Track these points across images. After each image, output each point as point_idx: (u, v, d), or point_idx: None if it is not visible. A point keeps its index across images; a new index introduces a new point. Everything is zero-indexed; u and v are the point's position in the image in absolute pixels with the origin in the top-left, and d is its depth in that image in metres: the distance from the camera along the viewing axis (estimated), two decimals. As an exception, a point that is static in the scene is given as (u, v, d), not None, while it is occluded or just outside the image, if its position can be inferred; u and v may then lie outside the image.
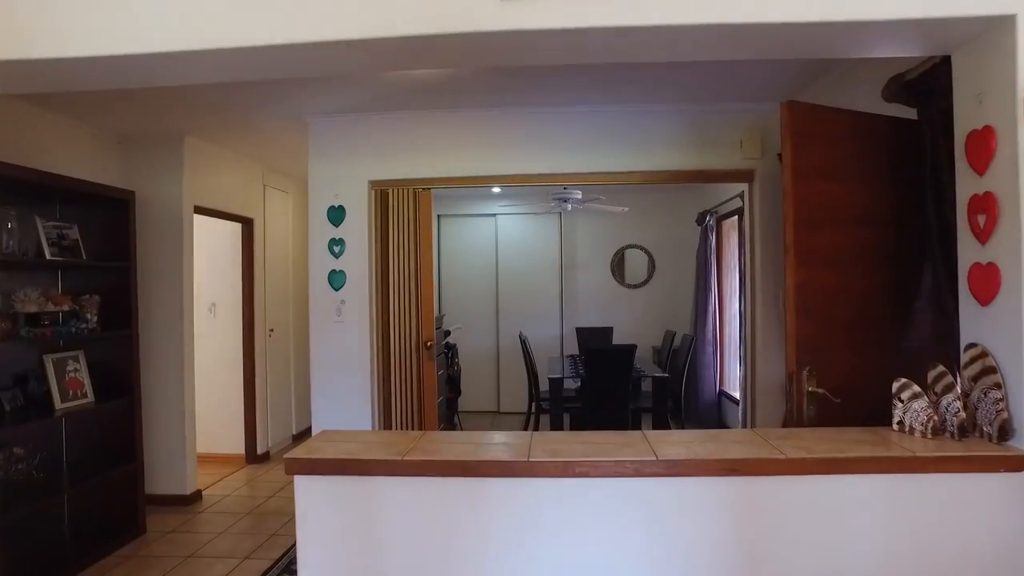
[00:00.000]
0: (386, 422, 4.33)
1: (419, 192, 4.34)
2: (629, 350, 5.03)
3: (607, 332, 6.77)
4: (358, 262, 4.28)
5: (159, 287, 4.72)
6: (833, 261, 2.43)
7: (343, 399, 4.27)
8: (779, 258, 4.21)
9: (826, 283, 2.41)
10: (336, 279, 4.28)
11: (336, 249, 4.29)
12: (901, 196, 2.52)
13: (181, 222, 4.71)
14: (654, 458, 1.89)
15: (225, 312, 5.74)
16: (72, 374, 3.93)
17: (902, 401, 2.04)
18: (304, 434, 6.51)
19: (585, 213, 7.37)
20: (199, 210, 4.93)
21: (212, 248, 5.76)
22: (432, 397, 4.36)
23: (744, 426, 4.91)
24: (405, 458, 1.96)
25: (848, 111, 2.54)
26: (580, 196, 6.01)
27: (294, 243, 6.45)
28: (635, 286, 7.56)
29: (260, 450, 5.71)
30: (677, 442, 2.08)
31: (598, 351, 5.12)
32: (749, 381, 4.29)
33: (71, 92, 3.84)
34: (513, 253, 7.65)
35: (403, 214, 4.31)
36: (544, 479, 1.93)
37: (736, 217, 6.22)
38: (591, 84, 3.83)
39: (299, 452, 2.07)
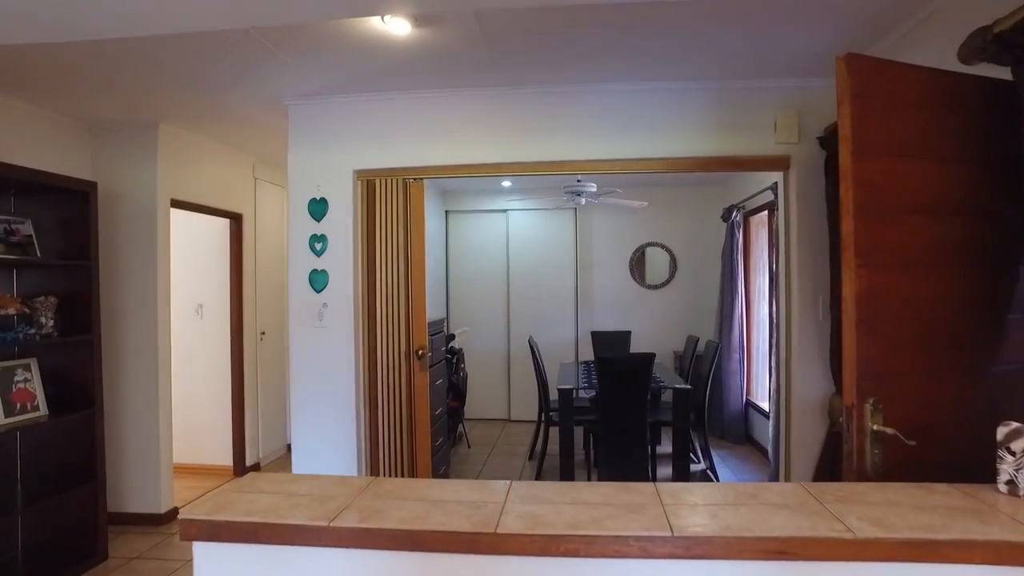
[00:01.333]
0: (372, 440, 3.83)
1: (410, 183, 3.82)
2: (646, 359, 4.47)
3: (624, 337, 6.20)
4: (342, 261, 3.78)
5: (130, 288, 4.27)
6: (905, 262, 1.85)
7: (324, 413, 3.78)
8: (818, 257, 3.62)
9: (896, 290, 1.84)
10: (317, 279, 3.79)
11: (318, 246, 3.79)
12: (993, 178, 1.94)
13: (155, 217, 4.25)
14: (668, 533, 1.35)
15: (213, 314, 5.29)
16: (21, 385, 3.49)
17: (1013, 454, 1.47)
18: (300, 443, 6.04)
19: (602, 209, 6.80)
20: (177, 204, 4.48)
21: (199, 245, 5.32)
22: (424, 411, 3.85)
23: (776, 446, 4.32)
24: (332, 524, 1.44)
25: (925, 68, 1.96)
26: (595, 189, 5.45)
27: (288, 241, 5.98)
28: (655, 287, 6.97)
29: (250, 461, 5.26)
30: (701, 505, 1.53)
31: (612, 360, 4.56)
32: (783, 395, 3.71)
33: (33, 75, 3.45)
34: (526, 251, 7.10)
35: (392, 207, 3.80)
36: (518, 558, 1.40)
37: (766, 212, 5.62)
38: (606, 59, 3.28)
39: (200, 510, 1.55)
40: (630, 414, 4.48)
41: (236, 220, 5.18)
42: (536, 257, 7.06)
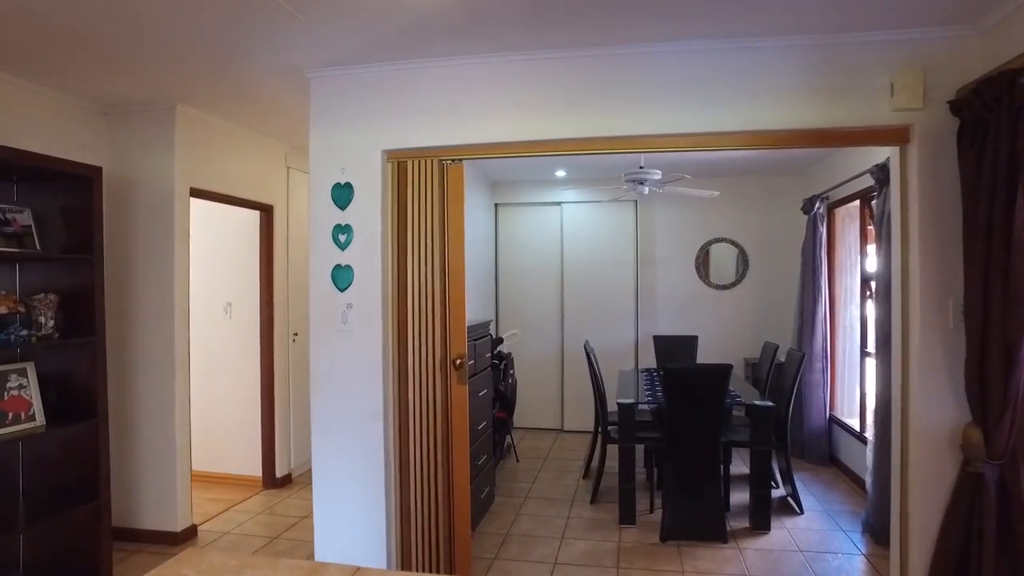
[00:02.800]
0: (403, 462, 3.28)
1: (447, 164, 3.25)
2: (721, 371, 3.78)
3: (690, 343, 5.49)
4: (369, 255, 3.24)
5: (145, 284, 3.85)
6: None
7: (348, 430, 3.25)
8: (948, 252, 2.85)
9: None
10: (341, 276, 3.26)
11: (342, 238, 3.27)
12: None
13: (172, 207, 3.82)
14: None
15: (242, 313, 4.86)
16: (15, 391, 3.08)
17: None
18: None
19: (665, 201, 6.11)
20: (198, 193, 4.03)
21: (229, 239, 4.89)
22: (463, 430, 3.27)
23: (878, 477, 3.57)
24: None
25: None
26: (659, 176, 4.77)
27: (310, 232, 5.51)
28: (723, 287, 6.22)
29: (280, 472, 4.80)
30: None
31: (681, 372, 3.88)
32: (899, 421, 2.98)
33: (41, 52, 3.05)
34: (581, 247, 6.45)
35: (427, 193, 3.24)
36: None
37: (857, 202, 4.83)
38: (679, 10, 2.63)
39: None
40: (702, 434, 3.79)
41: (267, 212, 4.73)
42: (592, 254, 6.39)
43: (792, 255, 5.92)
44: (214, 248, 4.86)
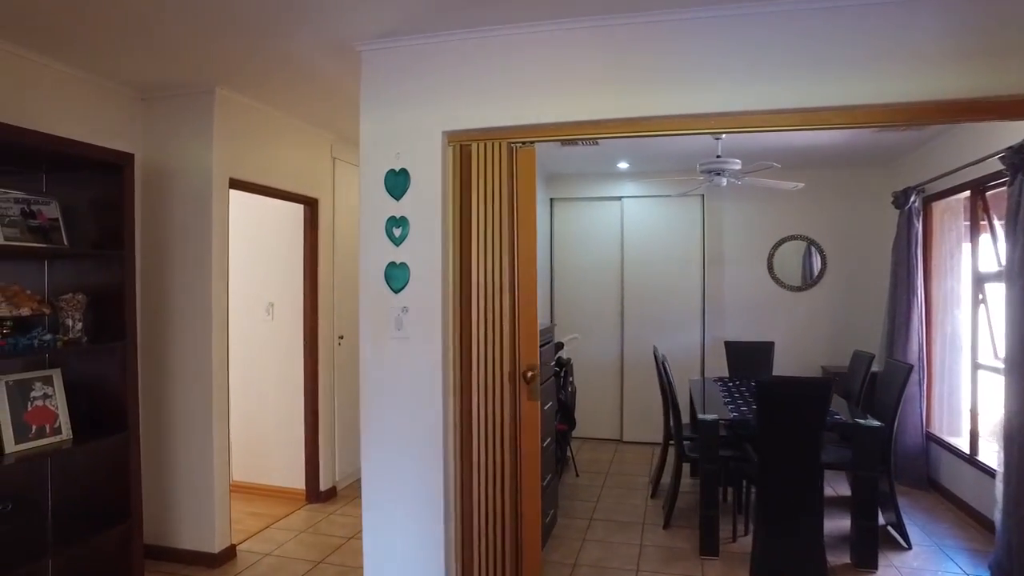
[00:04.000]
0: (464, 485, 2.85)
1: (517, 148, 2.82)
2: (824, 387, 3.27)
3: (766, 350, 4.96)
4: (427, 251, 2.83)
5: (181, 283, 3.50)
6: None
7: (403, 446, 2.84)
8: None
9: None
10: (396, 275, 2.85)
11: (396, 232, 2.86)
12: None
13: (210, 199, 3.46)
14: None
15: (285, 314, 4.51)
16: (40, 401, 2.75)
17: None
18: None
19: (736, 195, 5.57)
20: (238, 184, 3.68)
21: (271, 235, 4.55)
22: (533, 454, 2.83)
23: (1012, 515, 3.01)
24: None
25: None
26: (739, 166, 4.26)
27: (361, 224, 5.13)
28: (798, 289, 5.65)
29: (324, 485, 4.43)
30: None
31: (777, 386, 3.38)
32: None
33: (72, 31, 2.72)
34: (643, 245, 5.93)
35: (493, 181, 2.80)
36: None
37: (967, 194, 4.25)
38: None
39: None
40: (799, 457, 3.28)
41: (311, 206, 4.37)
42: (655, 252, 5.87)
43: (875, 254, 5.35)
44: (255, 244, 4.52)
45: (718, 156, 4.29)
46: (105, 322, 2.96)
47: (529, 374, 2.81)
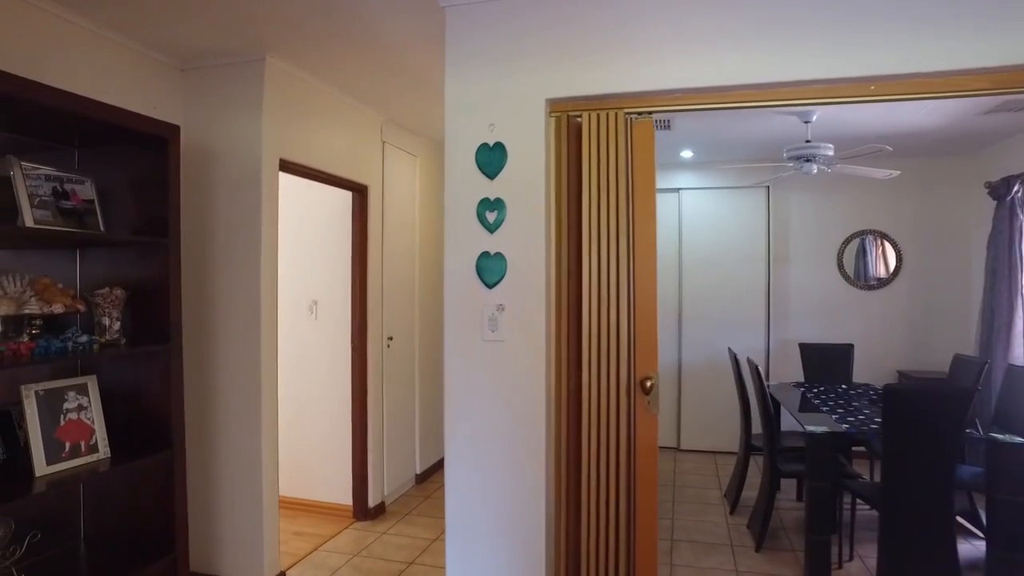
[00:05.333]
0: (569, 512, 2.41)
1: (633, 120, 2.38)
2: (962, 397, 2.83)
3: (845, 352, 4.52)
4: (528, 239, 2.38)
5: (226, 278, 3.05)
6: None
7: (495, 466, 2.40)
8: None
9: None
10: (491, 268, 2.40)
11: (491, 217, 2.41)
12: None
13: (259, 182, 3.01)
14: None
15: (330, 313, 4.06)
16: (74, 414, 2.30)
17: None
18: (431, 473, 4.76)
19: (803, 186, 5.15)
20: (288, 167, 3.24)
21: (314, 226, 4.10)
22: (650, 478, 2.38)
23: None
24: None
25: None
26: (831, 152, 3.82)
27: (422, 223, 4.69)
28: (871, 287, 5.21)
29: (372, 501, 3.98)
30: None
31: (908, 395, 2.93)
32: None
33: None
34: (702, 240, 5.47)
35: (608, 157, 2.36)
36: None
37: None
38: None
39: None
40: (931, 477, 2.85)
41: (360, 193, 3.92)
42: (715, 247, 5.42)
43: (957, 249, 4.93)
44: (296, 236, 4.07)
45: (807, 141, 3.86)
46: (146, 321, 2.51)
47: (648, 382, 2.36)
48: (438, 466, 4.92)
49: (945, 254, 5.01)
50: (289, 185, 3.58)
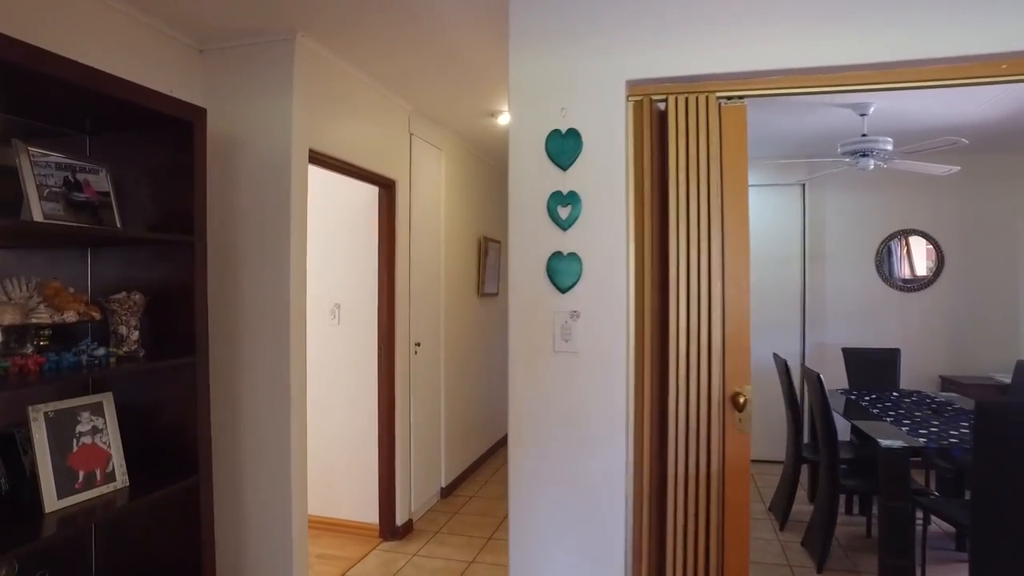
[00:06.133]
0: (652, 546, 2.12)
1: (723, 104, 2.09)
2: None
3: (891, 358, 4.27)
4: (607, 237, 2.10)
5: (252, 282, 2.73)
6: None
7: (566, 497, 2.11)
8: None
9: None
10: (564, 270, 2.11)
11: (563, 213, 2.12)
12: None
13: (288, 175, 2.70)
14: None
15: (355, 318, 3.74)
16: (88, 438, 1.98)
17: None
18: (457, 486, 4.46)
19: (840, 184, 4.90)
20: (318, 159, 2.92)
21: (338, 224, 3.78)
22: (742, 504, 2.10)
23: None
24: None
25: None
26: (890, 146, 3.57)
27: (447, 221, 4.38)
28: (911, 289, 4.98)
29: (400, 519, 3.67)
30: None
31: (1008, 410, 2.67)
32: None
33: None
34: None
35: (698, 146, 2.08)
36: None
37: None
38: None
39: None
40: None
41: (388, 189, 3.61)
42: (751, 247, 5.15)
43: (1004, 249, 4.70)
44: (317, 235, 3.74)
45: (864, 135, 3.60)
46: (167, 331, 2.19)
47: (741, 397, 2.08)
48: (463, 478, 4.62)
49: (990, 254, 4.78)
50: (309, 180, 3.26)
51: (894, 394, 3.99)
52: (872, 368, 4.26)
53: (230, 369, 2.73)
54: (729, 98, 2.10)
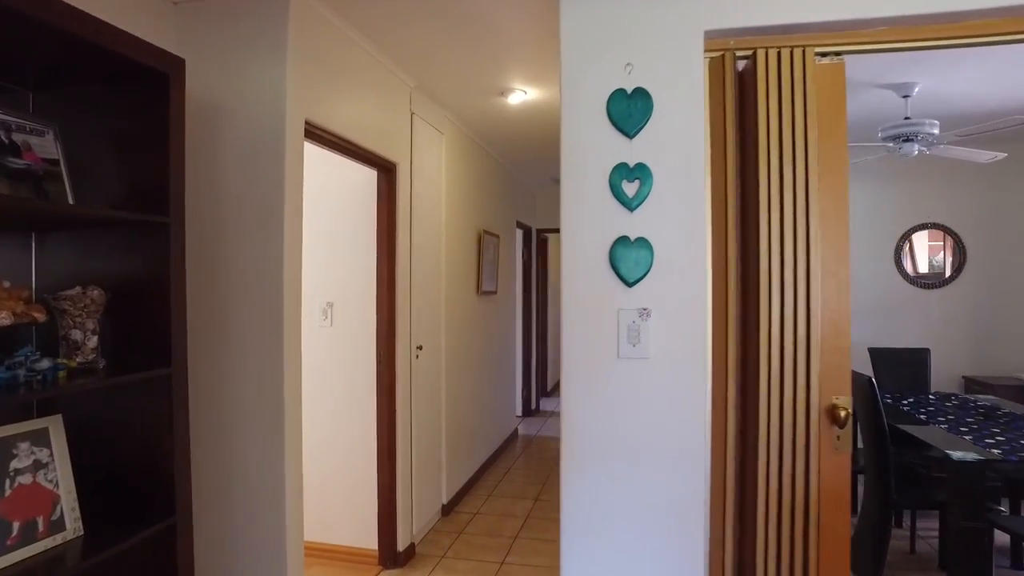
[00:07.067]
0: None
1: (819, 62, 1.72)
2: None
3: (920, 359, 3.98)
4: (684, 219, 1.70)
5: (238, 276, 2.27)
6: None
7: (634, 529, 1.71)
8: None
9: None
10: (631, 258, 1.72)
11: (630, 190, 1.72)
12: None
13: (281, 150, 2.25)
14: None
15: (350, 317, 3.29)
16: (27, 476, 1.51)
17: None
18: (458, 502, 4.03)
19: (857, 177, 4.60)
20: (314, 134, 2.48)
21: (330, 212, 3.33)
22: (842, 527, 1.73)
23: None
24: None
25: None
26: (936, 130, 3.26)
27: (448, 211, 3.95)
28: (931, 285, 4.71)
29: (402, 543, 3.23)
30: None
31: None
32: None
33: None
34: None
35: (789, 111, 1.70)
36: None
37: None
38: None
39: None
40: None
41: (388, 173, 3.17)
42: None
43: (1024, 244, 4.46)
44: (307, 225, 3.28)
45: (906, 118, 3.29)
46: (135, 336, 1.73)
47: (841, 410, 1.71)
48: (464, 492, 4.20)
49: (1016, 250, 4.53)
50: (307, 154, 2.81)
51: (930, 396, 3.69)
52: (902, 369, 3.97)
53: (213, 381, 2.27)
54: (826, 53, 1.73)
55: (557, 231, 7.47)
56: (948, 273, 4.66)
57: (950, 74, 3.18)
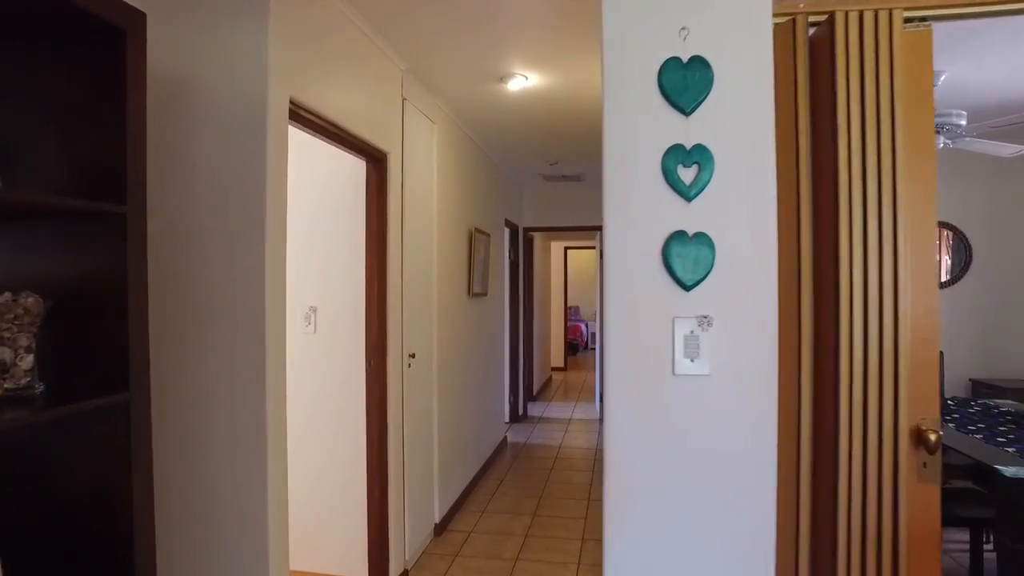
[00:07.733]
0: (809, 650, 1.48)
1: (904, 26, 1.47)
2: None
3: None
4: (751, 213, 1.43)
5: (213, 278, 1.94)
6: None
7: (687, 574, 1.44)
8: None
9: None
10: (689, 256, 1.44)
11: (687, 176, 1.44)
12: None
13: (263, 132, 1.92)
14: None
15: (335, 323, 2.97)
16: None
17: None
18: (450, 519, 3.72)
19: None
20: (300, 116, 2.15)
21: (313, 207, 3.00)
22: (933, 566, 1.49)
23: None
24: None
25: None
26: (964, 122, 3.07)
27: (440, 207, 3.64)
28: (939, 285, 4.55)
29: (395, 570, 2.91)
30: None
31: None
32: None
33: None
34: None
35: (873, 86, 1.44)
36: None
37: None
38: None
39: None
40: None
41: (379, 164, 2.85)
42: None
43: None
44: (288, 222, 2.95)
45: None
46: (83, 354, 1.39)
47: (932, 436, 1.46)
48: (456, 509, 3.89)
49: (1019, 249, 4.39)
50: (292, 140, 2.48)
51: (949, 402, 3.51)
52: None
53: (180, 407, 1.93)
54: (911, 19, 1.48)
55: (544, 229, 7.18)
56: (954, 273, 4.51)
57: (977, 62, 3.00)
